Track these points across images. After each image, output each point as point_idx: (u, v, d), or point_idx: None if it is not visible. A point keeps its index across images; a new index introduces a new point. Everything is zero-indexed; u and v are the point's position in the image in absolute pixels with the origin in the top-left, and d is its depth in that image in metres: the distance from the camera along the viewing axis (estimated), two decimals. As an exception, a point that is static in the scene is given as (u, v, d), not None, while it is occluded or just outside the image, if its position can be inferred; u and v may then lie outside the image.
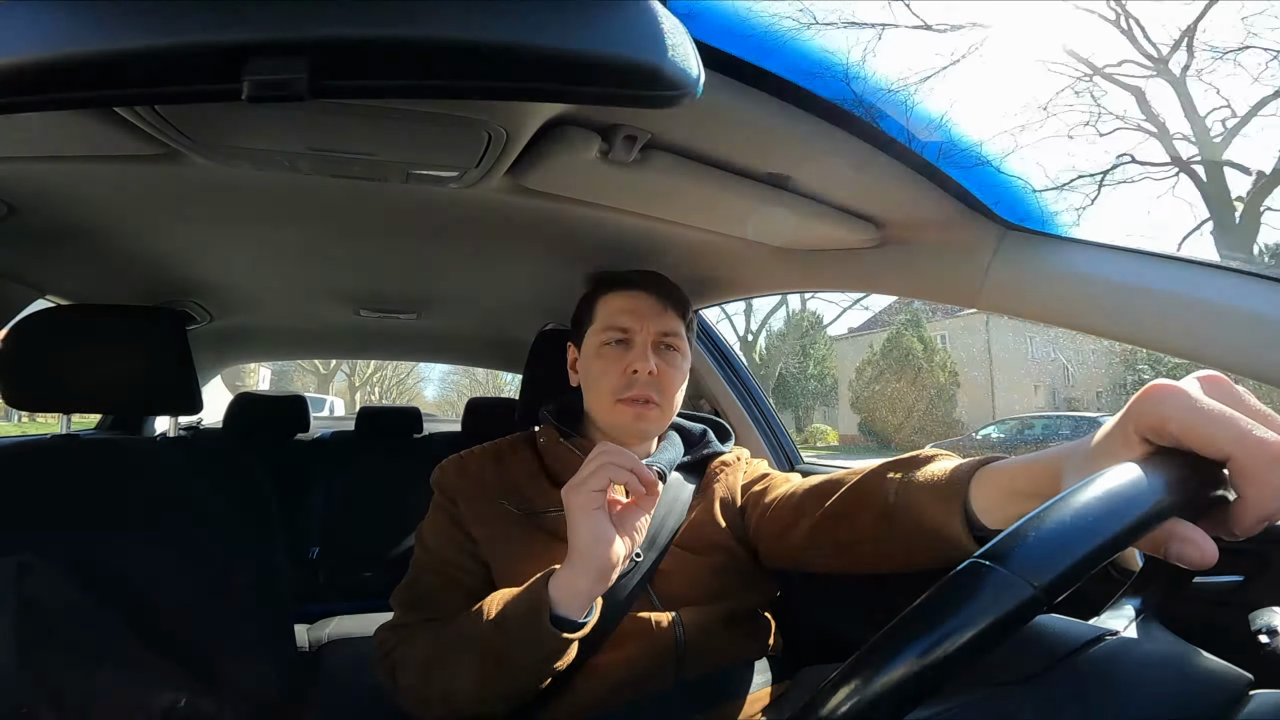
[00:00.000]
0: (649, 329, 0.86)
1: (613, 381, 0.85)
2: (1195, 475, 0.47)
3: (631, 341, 0.86)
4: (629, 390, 0.84)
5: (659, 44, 0.38)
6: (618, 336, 0.86)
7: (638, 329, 0.86)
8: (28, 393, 0.90)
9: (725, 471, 0.94)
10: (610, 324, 0.87)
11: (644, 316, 0.87)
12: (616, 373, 0.85)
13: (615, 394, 0.84)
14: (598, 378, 0.86)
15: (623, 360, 0.85)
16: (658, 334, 0.87)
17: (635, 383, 0.84)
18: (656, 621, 0.78)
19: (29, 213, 0.90)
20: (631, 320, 0.86)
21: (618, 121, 0.66)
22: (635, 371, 0.84)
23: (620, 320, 0.87)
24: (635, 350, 0.85)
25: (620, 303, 0.88)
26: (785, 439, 1.46)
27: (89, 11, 0.34)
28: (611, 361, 0.85)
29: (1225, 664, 0.48)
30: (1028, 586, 0.38)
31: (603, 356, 0.86)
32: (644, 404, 0.84)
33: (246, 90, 0.34)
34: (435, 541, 0.84)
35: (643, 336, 0.86)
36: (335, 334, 2.11)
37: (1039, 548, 0.40)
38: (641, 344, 0.85)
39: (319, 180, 0.80)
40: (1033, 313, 0.81)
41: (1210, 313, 0.64)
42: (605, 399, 0.85)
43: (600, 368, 0.86)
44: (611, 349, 0.86)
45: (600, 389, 0.86)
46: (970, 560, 0.41)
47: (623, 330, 0.86)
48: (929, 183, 0.73)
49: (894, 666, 0.37)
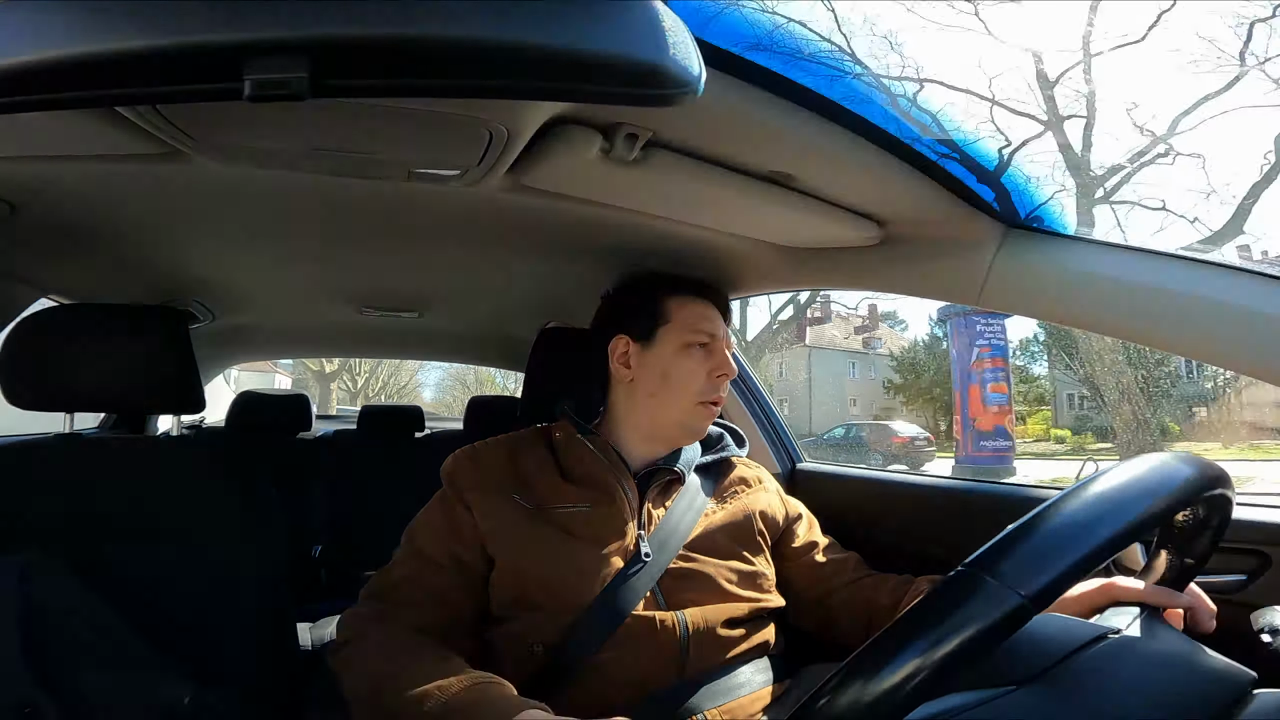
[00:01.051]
0: (722, 336, 0.93)
1: (699, 383, 0.89)
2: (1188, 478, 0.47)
3: (713, 348, 0.91)
4: (714, 393, 0.89)
5: (660, 42, 0.38)
6: (704, 340, 0.91)
7: (718, 334, 0.92)
8: (30, 392, 0.90)
9: (745, 492, 0.96)
10: (697, 327, 0.91)
11: (719, 325, 0.94)
12: (703, 375, 0.89)
13: (700, 395, 0.89)
14: (684, 378, 0.89)
15: (707, 364, 0.90)
16: (729, 343, 0.95)
17: (719, 387, 0.90)
18: (660, 620, 0.78)
19: (31, 212, 0.90)
20: (714, 327, 0.92)
21: (619, 120, 0.66)
22: (721, 376, 0.89)
23: (705, 325, 0.92)
24: (719, 356, 0.91)
25: (701, 309, 0.93)
26: (786, 437, 1.46)
27: (90, 11, 0.34)
28: (699, 363, 0.90)
29: (1228, 662, 0.48)
30: (1015, 595, 0.38)
31: (690, 358, 0.90)
32: (717, 406, 0.91)
33: (248, 89, 0.34)
34: (422, 536, 0.84)
35: (720, 343, 0.92)
36: (337, 333, 2.11)
37: (1027, 557, 0.41)
38: (721, 350, 0.91)
39: (321, 179, 0.80)
40: (1035, 310, 0.81)
41: (1212, 311, 0.64)
42: (687, 399, 0.89)
43: (689, 368, 0.90)
44: (696, 351, 0.90)
45: (684, 389, 0.89)
46: (961, 568, 0.41)
47: (710, 335, 0.91)
48: (931, 180, 0.73)
49: (888, 670, 0.38)
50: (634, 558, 0.81)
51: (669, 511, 0.86)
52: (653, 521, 0.85)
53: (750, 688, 0.80)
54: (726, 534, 0.88)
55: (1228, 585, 0.70)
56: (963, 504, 1.05)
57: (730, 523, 0.89)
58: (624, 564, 0.80)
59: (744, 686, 0.80)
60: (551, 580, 0.79)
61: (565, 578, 0.79)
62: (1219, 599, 0.70)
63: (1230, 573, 0.70)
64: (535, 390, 1.10)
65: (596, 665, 0.76)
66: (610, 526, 0.83)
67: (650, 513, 0.86)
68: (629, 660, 0.76)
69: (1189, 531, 0.56)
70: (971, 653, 0.37)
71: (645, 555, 0.81)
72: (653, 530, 0.84)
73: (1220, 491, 0.51)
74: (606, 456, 0.88)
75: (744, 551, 0.88)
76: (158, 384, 0.95)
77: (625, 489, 0.86)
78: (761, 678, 0.82)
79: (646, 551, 0.81)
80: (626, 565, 0.80)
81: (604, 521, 0.83)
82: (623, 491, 0.85)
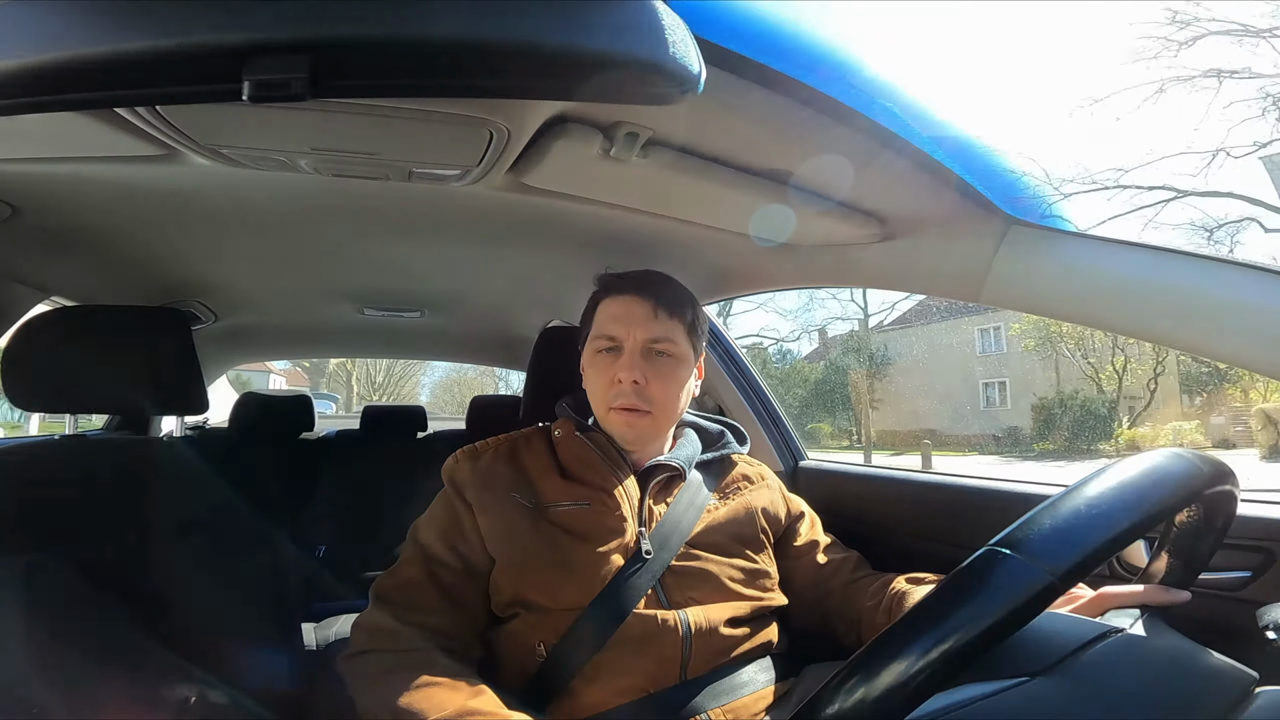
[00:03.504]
0: (636, 336, 0.86)
1: (603, 390, 0.87)
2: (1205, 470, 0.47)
3: (620, 349, 0.87)
4: (617, 399, 0.85)
5: (660, 41, 0.38)
6: (607, 345, 0.88)
7: (625, 336, 0.86)
8: (34, 394, 0.90)
9: (747, 489, 0.95)
10: (600, 332, 0.89)
11: (633, 323, 0.87)
12: (606, 381, 0.86)
13: (607, 403, 0.87)
14: (592, 385, 0.89)
15: (611, 369, 0.86)
16: (646, 341, 0.86)
17: (622, 393, 0.85)
18: (663, 619, 0.78)
19: (32, 214, 0.90)
20: (619, 328, 0.87)
21: (619, 119, 0.66)
22: (620, 381, 0.85)
23: (609, 328, 0.88)
24: (622, 359, 0.86)
25: (612, 309, 0.89)
26: (789, 435, 1.46)
27: (91, 13, 0.34)
28: (602, 370, 0.87)
29: (1230, 661, 0.48)
30: (1044, 573, 0.38)
31: (595, 364, 0.88)
32: (632, 412, 0.85)
33: (248, 90, 0.34)
34: (427, 535, 0.84)
35: (630, 344, 0.86)
36: (339, 333, 2.12)
37: (1055, 536, 0.41)
38: (630, 352, 0.86)
39: (321, 180, 0.80)
40: (1036, 306, 0.80)
41: (1214, 307, 0.64)
42: (600, 406, 0.88)
43: (593, 375, 0.89)
44: (602, 356, 0.88)
45: (594, 397, 0.89)
46: (986, 548, 0.41)
47: (610, 338, 0.87)
48: (932, 177, 0.73)
49: (910, 652, 0.37)
50: (634, 555, 0.81)
51: (670, 508, 0.86)
52: (654, 519, 0.85)
53: (753, 687, 0.80)
54: (729, 531, 0.88)
55: (1232, 582, 0.70)
56: (965, 501, 1.05)
57: (732, 520, 0.89)
58: (624, 562, 0.80)
59: (747, 686, 0.80)
60: (552, 579, 0.79)
61: (565, 577, 0.79)
62: (1224, 596, 0.70)
63: (1235, 569, 0.70)
64: (537, 389, 1.10)
65: (598, 665, 0.76)
66: (610, 524, 0.83)
67: (651, 510, 0.86)
68: (631, 660, 0.76)
69: (1194, 529, 0.56)
70: (1000, 631, 0.37)
71: (646, 553, 0.81)
72: (654, 528, 0.84)
73: (1227, 488, 0.51)
74: (606, 454, 0.88)
75: (746, 549, 0.88)
76: (161, 385, 0.95)
77: (625, 486, 0.86)
78: (764, 677, 0.82)
79: (647, 549, 0.81)
80: (627, 563, 0.80)
81: (604, 519, 0.83)
82: (622, 489, 0.85)
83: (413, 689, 0.68)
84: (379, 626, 0.78)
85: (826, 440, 16.27)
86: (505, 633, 0.81)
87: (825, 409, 17.39)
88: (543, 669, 0.77)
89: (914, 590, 0.84)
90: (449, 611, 0.79)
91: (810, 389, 17.71)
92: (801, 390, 17.56)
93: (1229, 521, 0.55)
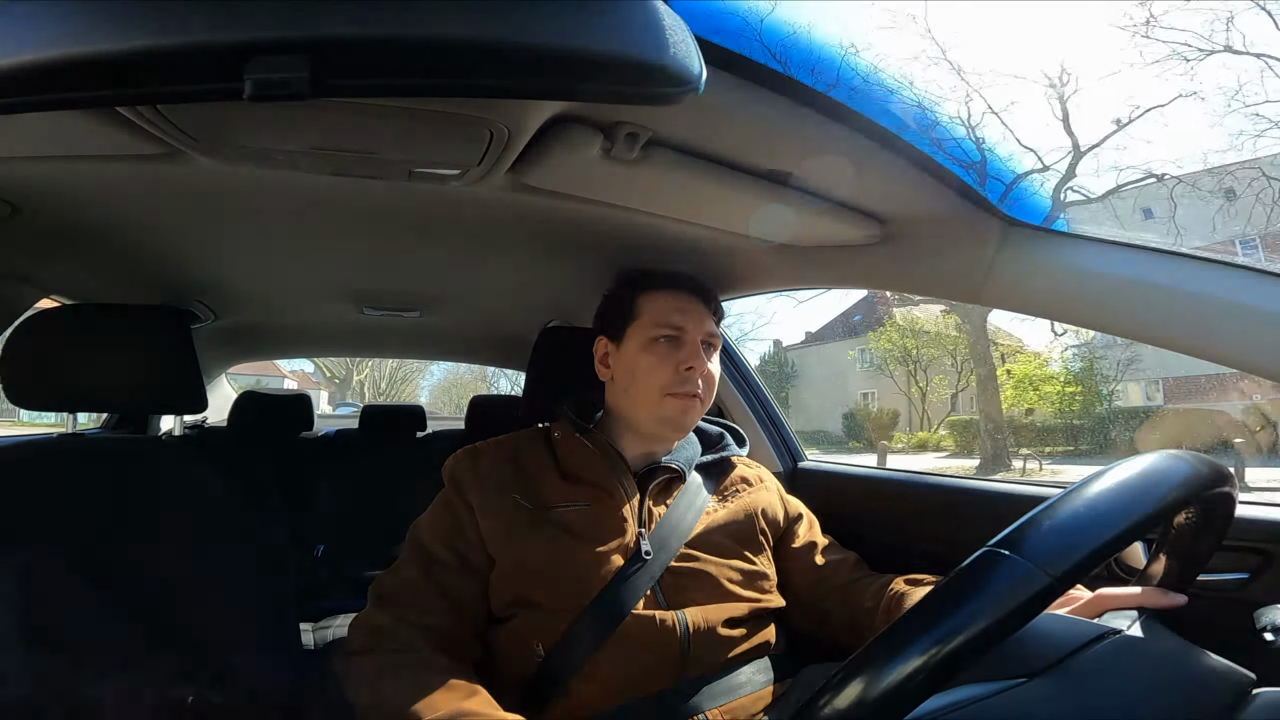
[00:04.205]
0: (698, 328, 0.89)
1: (664, 377, 0.87)
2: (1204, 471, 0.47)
3: (683, 340, 0.89)
4: (682, 386, 0.87)
5: (661, 41, 0.38)
6: (669, 333, 0.89)
7: (689, 328, 0.89)
8: (33, 392, 0.90)
9: (747, 491, 0.96)
10: (662, 321, 0.89)
11: (693, 317, 0.90)
12: (669, 368, 0.87)
13: (666, 389, 0.87)
14: (647, 372, 0.88)
15: (674, 357, 0.87)
16: (706, 334, 0.90)
17: (689, 379, 0.87)
18: (661, 620, 0.78)
19: (32, 213, 0.90)
20: (683, 319, 0.89)
21: (620, 119, 0.66)
22: (690, 369, 0.87)
23: (673, 318, 0.89)
24: (688, 348, 0.88)
25: (670, 301, 0.91)
26: (789, 436, 1.46)
27: (91, 11, 0.34)
28: (663, 357, 0.88)
29: (1228, 663, 0.48)
30: (1043, 574, 0.38)
31: (654, 352, 0.89)
32: (694, 398, 0.87)
33: (248, 89, 0.34)
34: (427, 536, 0.85)
35: (693, 336, 0.89)
36: (339, 332, 2.12)
37: (1054, 536, 0.41)
38: (693, 343, 0.89)
39: (321, 179, 0.80)
40: (1035, 308, 0.80)
41: (1213, 308, 0.64)
42: (653, 393, 0.88)
43: (651, 363, 0.88)
44: (662, 345, 0.89)
45: (649, 384, 0.88)
46: (985, 549, 0.41)
47: (675, 328, 0.89)
48: (932, 178, 0.73)
49: (909, 654, 0.38)
50: (634, 556, 0.81)
51: (670, 510, 0.86)
52: (653, 520, 0.85)
53: (751, 687, 0.80)
54: (728, 533, 0.88)
55: (1230, 584, 0.70)
56: (963, 502, 1.05)
57: (731, 522, 0.89)
58: (624, 562, 0.80)
59: (745, 686, 0.80)
60: (551, 579, 0.79)
61: (565, 577, 0.79)
62: (1222, 597, 0.70)
63: (1232, 571, 0.70)
64: (536, 390, 1.10)
65: (596, 665, 0.76)
66: (610, 525, 0.83)
67: (651, 511, 0.86)
68: (629, 660, 0.76)
69: (1192, 530, 0.56)
70: (999, 632, 0.37)
71: (645, 553, 0.81)
72: (653, 528, 0.84)
73: (1225, 489, 0.51)
74: (606, 455, 0.88)
75: (745, 551, 0.88)
76: (160, 384, 0.95)
77: (625, 487, 0.86)
78: (762, 677, 0.82)
79: (646, 549, 0.81)
80: (626, 563, 0.80)
81: (603, 520, 0.83)
82: (622, 490, 0.86)
83: (409, 689, 0.68)
84: (377, 626, 0.78)
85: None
86: (503, 633, 0.81)
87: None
88: (541, 669, 0.77)
89: (913, 591, 0.84)
90: (448, 611, 0.79)
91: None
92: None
93: (1227, 523, 0.55)
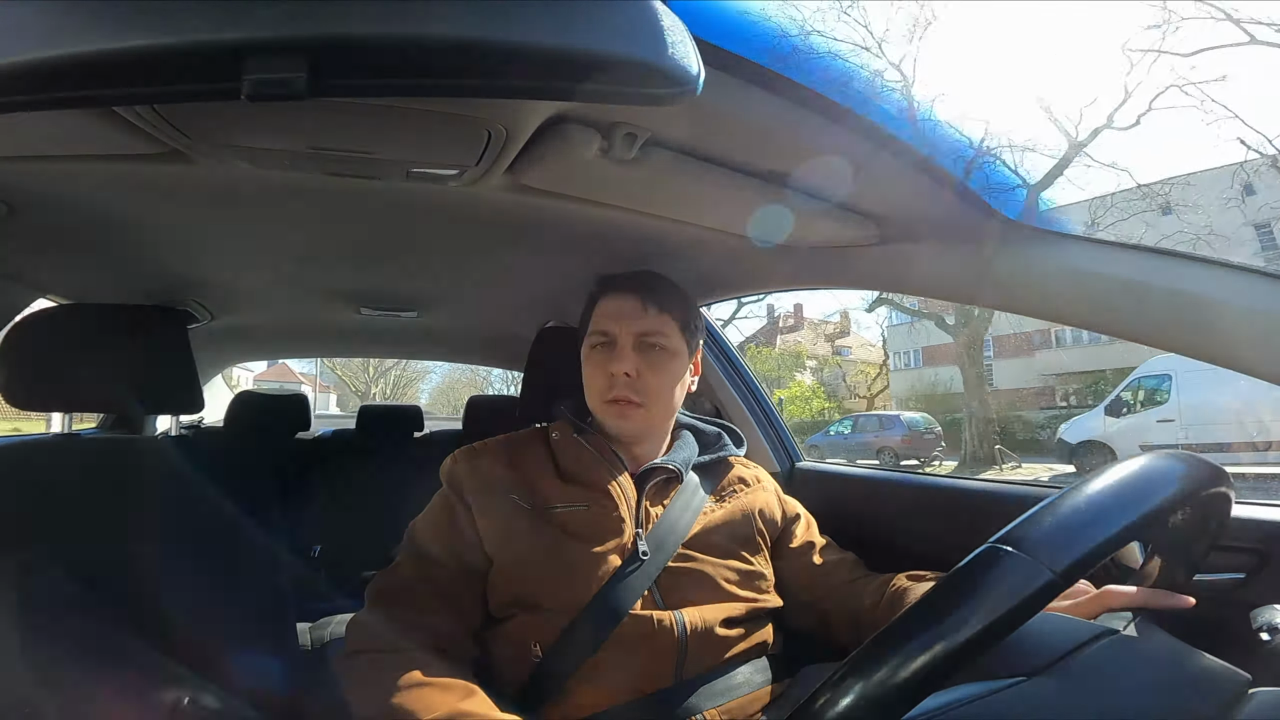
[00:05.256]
0: (628, 330, 0.88)
1: (598, 384, 0.88)
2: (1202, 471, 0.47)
3: (613, 344, 0.88)
4: (611, 392, 0.87)
5: (659, 42, 0.38)
6: (601, 340, 0.89)
7: (618, 331, 0.88)
8: (29, 392, 0.90)
9: (744, 491, 0.96)
10: (595, 328, 0.90)
11: (624, 318, 0.89)
12: (601, 375, 0.88)
13: (601, 395, 0.88)
14: (588, 380, 0.90)
15: (605, 363, 0.88)
16: (637, 335, 0.88)
17: (616, 384, 0.87)
18: (658, 620, 0.78)
19: (29, 212, 0.90)
20: (612, 323, 0.89)
21: (618, 119, 0.66)
22: (613, 374, 0.86)
23: (602, 324, 0.90)
24: (616, 352, 0.88)
25: (606, 306, 0.91)
26: (786, 437, 1.46)
27: (89, 11, 0.34)
28: (596, 365, 0.89)
29: (1223, 664, 0.48)
30: (1046, 570, 0.39)
31: (590, 360, 0.90)
32: (625, 404, 0.87)
33: (246, 89, 0.34)
34: (425, 536, 0.85)
35: (623, 338, 0.88)
36: (336, 332, 2.11)
37: (1057, 532, 0.41)
38: (622, 346, 0.88)
39: (319, 179, 0.80)
40: (1033, 309, 0.81)
41: (1211, 309, 0.64)
42: (595, 400, 0.89)
43: (589, 371, 0.90)
44: (597, 352, 0.89)
45: (590, 391, 0.90)
46: (987, 545, 0.42)
47: (604, 334, 0.89)
48: (929, 179, 0.73)
49: (911, 650, 0.38)
50: (631, 556, 0.81)
51: (667, 510, 0.86)
52: (650, 520, 0.85)
53: (748, 688, 0.80)
54: (725, 533, 0.88)
55: (1226, 584, 0.70)
56: (962, 503, 1.05)
57: (729, 522, 0.89)
58: (621, 562, 0.80)
59: (742, 687, 0.80)
60: (549, 580, 0.79)
61: (562, 577, 0.79)
62: (1217, 598, 0.70)
63: (1228, 571, 0.70)
64: (534, 389, 1.10)
65: (594, 665, 0.76)
66: (607, 525, 0.83)
67: (648, 511, 0.86)
68: (627, 660, 0.76)
69: (1188, 530, 0.56)
70: (1002, 628, 0.37)
71: (643, 554, 0.81)
72: (650, 529, 0.84)
73: (1222, 489, 0.51)
74: (604, 455, 0.88)
75: (742, 551, 0.88)
76: (156, 384, 0.95)
77: (622, 487, 0.86)
78: (760, 678, 0.82)
79: (644, 550, 0.81)
80: (624, 564, 0.80)
81: (601, 520, 0.83)
82: (620, 490, 0.86)
83: (406, 690, 0.68)
84: (375, 626, 0.77)
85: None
86: (501, 633, 0.81)
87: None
88: (538, 669, 0.77)
89: (915, 587, 0.85)
90: (445, 612, 0.79)
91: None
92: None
93: (1224, 523, 0.56)
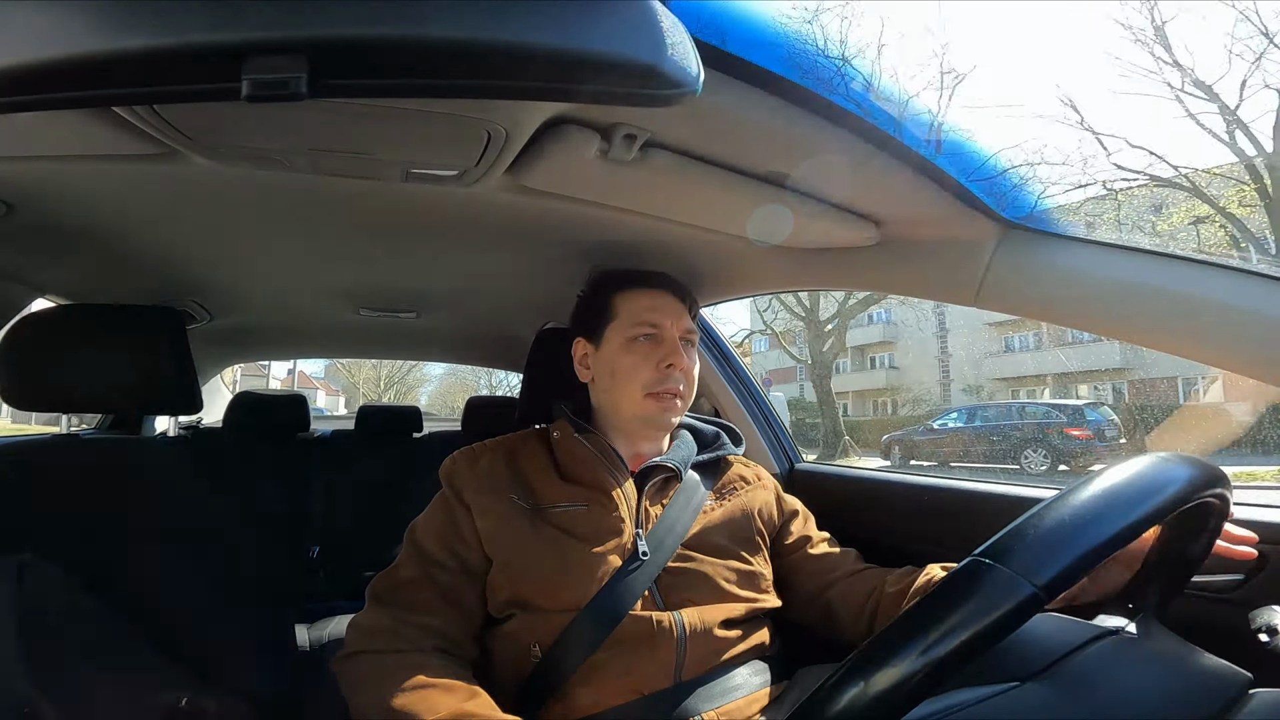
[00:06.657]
0: (677, 325, 0.90)
1: (645, 375, 0.87)
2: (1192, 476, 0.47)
3: (661, 337, 0.89)
4: (662, 384, 0.87)
5: (658, 42, 0.38)
6: (648, 331, 0.89)
7: (667, 325, 0.89)
8: (27, 392, 0.90)
9: (743, 490, 0.96)
10: (641, 319, 0.90)
11: (671, 314, 0.90)
12: (649, 367, 0.87)
13: (647, 387, 0.87)
14: (628, 371, 0.88)
15: (654, 354, 0.88)
16: (684, 331, 0.91)
17: (671, 377, 0.87)
18: (658, 621, 0.78)
19: (28, 212, 0.90)
20: (661, 317, 0.90)
21: (617, 120, 0.66)
22: (670, 366, 0.87)
23: (649, 316, 0.90)
24: (667, 345, 0.88)
25: (646, 300, 0.91)
26: (785, 437, 1.46)
27: (88, 12, 0.34)
28: (644, 356, 0.88)
29: (1224, 663, 0.48)
30: (1027, 585, 0.38)
31: (632, 351, 0.89)
32: (675, 396, 0.88)
33: (246, 89, 0.34)
34: (425, 536, 0.84)
35: (672, 333, 0.89)
36: (335, 333, 2.11)
37: (1039, 546, 0.41)
38: (671, 339, 0.89)
39: (318, 179, 0.80)
40: (1032, 310, 0.81)
41: (1209, 311, 0.64)
42: (634, 392, 0.88)
43: (631, 362, 0.88)
44: (641, 344, 0.89)
45: (630, 383, 0.88)
46: (970, 559, 0.41)
47: (654, 325, 0.89)
48: (928, 180, 0.73)
49: (896, 662, 0.38)
50: (631, 556, 0.81)
51: (666, 509, 0.86)
52: (650, 520, 0.85)
53: (747, 689, 0.80)
54: (724, 532, 0.88)
55: (1225, 585, 0.70)
56: (961, 504, 1.05)
57: (728, 521, 0.89)
58: (621, 563, 0.80)
59: (740, 688, 0.80)
60: (548, 580, 0.79)
61: (562, 577, 0.79)
62: (1217, 598, 0.70)
63: (1227, 572, 0.70)
64: (533, 390, 1.10)
65: (594, 666, 0.76)
66: (607, 525, 0.83)
67: (648, 511, 0.86)
68: (626, 661, 0.76)
69: (1186, 531, 0.56)
70: (985, 641, 0.37)
71: (642, 554, 0.81)
72: (650, 529, 0.84)
73: (1220, 491, 0.51)
74: (603, 455, 0.88)
75: (742, 551, 0.88)
76: (155, 385, 0.95)
77: (622, 487, 0.86)
78: (758, 679, 0.82)
79: (644, 550, 0.81)
80: (624, 564, 0.80)
81: (601, 520, 0.83)
82: (620, 490, 0.86)
83: (408, 690, 0.68)
84: (375, 627, 0.77)
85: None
86: (500, 634, 0.81)
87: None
88: (537, 670, 0.77)
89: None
90: (446, 613, 0.79)
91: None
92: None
93: (1221, 524, 0.56)
